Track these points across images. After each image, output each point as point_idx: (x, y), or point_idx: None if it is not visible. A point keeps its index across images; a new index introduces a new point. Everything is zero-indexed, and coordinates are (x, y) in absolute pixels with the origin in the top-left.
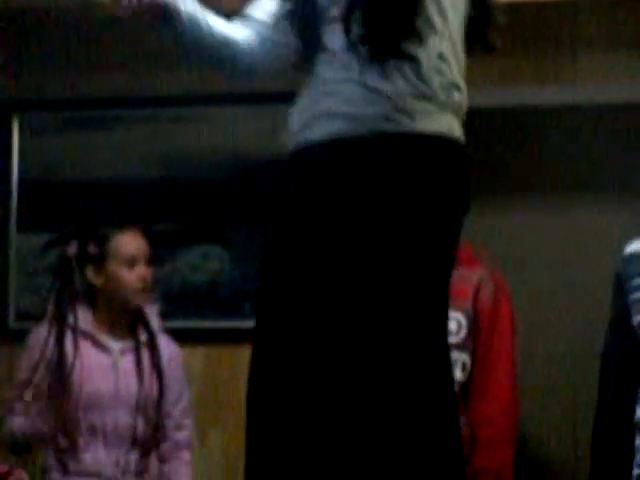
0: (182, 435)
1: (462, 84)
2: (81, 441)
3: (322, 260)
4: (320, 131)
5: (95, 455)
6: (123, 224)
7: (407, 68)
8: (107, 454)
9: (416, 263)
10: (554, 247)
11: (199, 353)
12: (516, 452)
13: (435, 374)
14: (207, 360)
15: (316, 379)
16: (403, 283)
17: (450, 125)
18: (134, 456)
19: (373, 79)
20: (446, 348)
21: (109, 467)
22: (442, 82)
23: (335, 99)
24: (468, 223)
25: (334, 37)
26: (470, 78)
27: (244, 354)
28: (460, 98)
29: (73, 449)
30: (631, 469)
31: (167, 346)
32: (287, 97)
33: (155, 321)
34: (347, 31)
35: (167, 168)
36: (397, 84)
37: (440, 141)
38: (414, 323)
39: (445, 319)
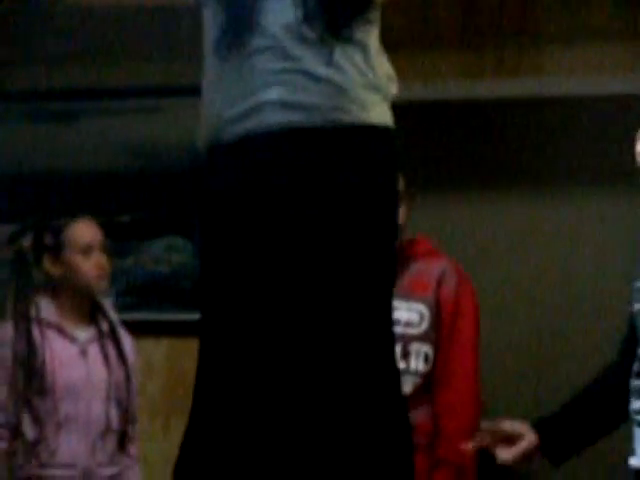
0: (135, 428)
1: (394, 76)
2: (55, 432)
3: (273, 251)
4: (270, 120)
5: (70, 446)
6: (86, 215)
7: (357, 57)
8: (81, 444)
9: (367, 257)
10: (514, 238)
11: (163, 345)
12: None
13: (377, 366)
14: (171, 352)
15: (258, 375)
16: (348, 278)
17: (390, 115)
18: (109, 445)
19: (322, 68)
20: (391, 343)
21: (84, 457)
22: (385, 72)
23: (285, 88)
24: (429, 216)
25: (274, 15)
26: (434, 71)
27: None
28: (394, 90)
29: (47, 441)
30: None
31: (126, 338)
32: None
33: (112, 312)
34: (304, 2)
35: (132, 159)
36: (348, 73)
37: (389, 132)
38: (356, 317)
39: (389, 313)
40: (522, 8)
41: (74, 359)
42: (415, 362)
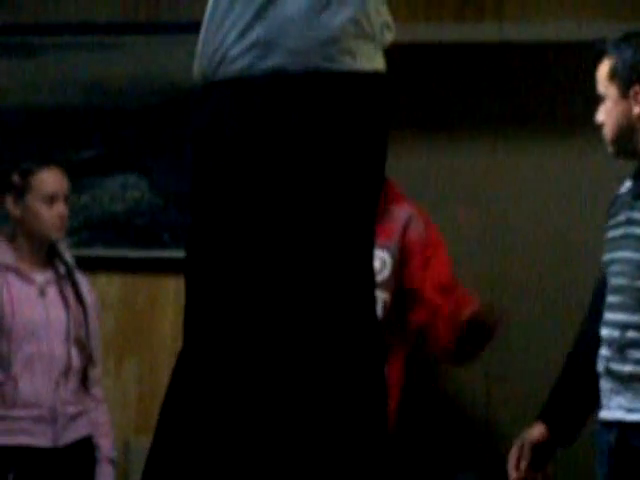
0: (98, 370)
1: (392, 24)
2: (18, 373)
3: (257, 194)
4: (257, 63)
5: (33, 386)
6: (44, 151)
7: (354, 3)
8: (45, 384)
9: (349, 201)
10: (477, 183)
11: (117, 282)
12: (430, 403)
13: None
14: (125, 289)
15: (245, 312)
16: (332, 228)
17: (383, 62)
18: (71, 384)
19: (316, 14)
20: (371, 283)
21: (48, 397)
22: (380, 21)
23: (275, 31)
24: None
25: None
26: (396, 14)
27: (162, 283)
28: (390, 38)
29: (10, 382)
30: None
31: (83, 281)
32: None
33: (68, 256)
34: None
35: (89, 96)
36: (344, 22)
37: (378, 79)
38: (341, 258)
39: (370, 262)
40: None
41: (33, 300)
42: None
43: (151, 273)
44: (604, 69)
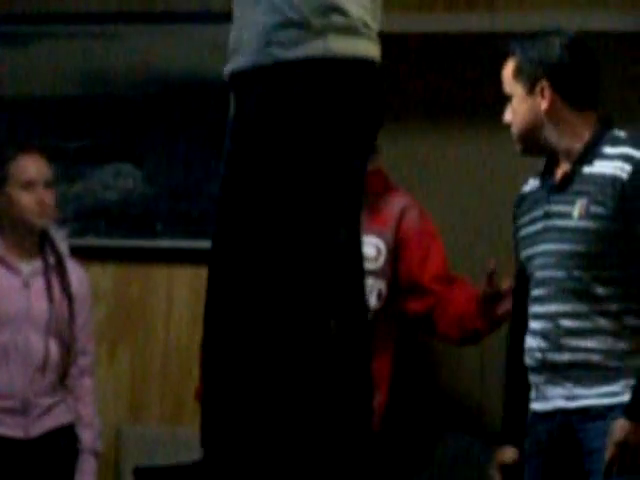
0: (86, 360)
1: (349, 7)
2: None
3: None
4: (233, 63)
5: (7, 377)
6: (36, 140)
7: None
8: (19, 376)
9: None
10: (465, 172)
11: (109, 271)
12: (423, 377)
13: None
14: (117, 278)
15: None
16: (315, 219)
17: (329, 47)
18: (48, 379)
19: (247, 9)
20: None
21: (21, 388)
22: (315, 6)
23: (232, 33)
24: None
25: None
26: (387, 3)
27: (154, 273)
28: (346, 20)
29: None
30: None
31: (75, 270)
32: (203, 18)
33: (62, 245)
34: None
35: (82, 85)
36: (266, 13)
37: (318, 63)
38: (332, 249)
39: (359, 248)
40: None
41: (16, 291)
42: (369, 298)
43: (144, 263)
44: (509, 69)
